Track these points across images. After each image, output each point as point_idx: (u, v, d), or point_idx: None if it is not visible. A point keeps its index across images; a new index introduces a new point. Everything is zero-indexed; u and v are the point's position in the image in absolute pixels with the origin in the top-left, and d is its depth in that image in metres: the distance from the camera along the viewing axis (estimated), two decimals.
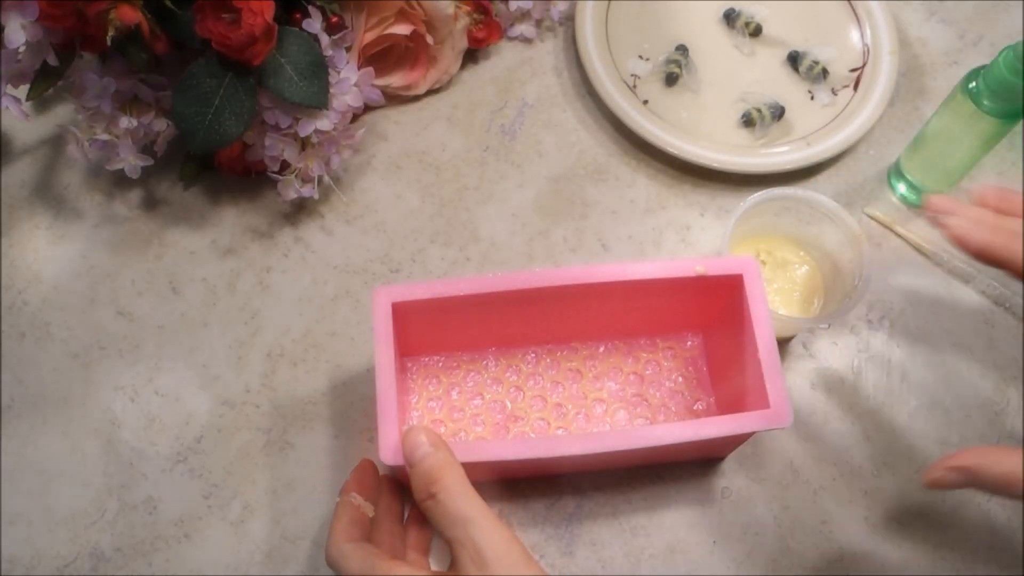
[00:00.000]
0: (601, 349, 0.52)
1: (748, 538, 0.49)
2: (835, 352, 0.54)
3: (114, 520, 0.48)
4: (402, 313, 0.45)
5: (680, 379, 0.51)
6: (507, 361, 0.51)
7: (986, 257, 0.38)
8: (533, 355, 0.51)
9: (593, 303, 0.47)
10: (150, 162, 0.52)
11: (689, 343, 0.52)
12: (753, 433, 0.45)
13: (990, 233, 0.38)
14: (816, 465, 0.51)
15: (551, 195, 0.58)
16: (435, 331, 0.48)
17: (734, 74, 0.62)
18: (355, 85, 0.52)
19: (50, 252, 0.55)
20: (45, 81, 0.48)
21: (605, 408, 0.50)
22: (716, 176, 0.59)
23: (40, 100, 0.58)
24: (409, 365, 0.51)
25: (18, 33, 0.43)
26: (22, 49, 0.45)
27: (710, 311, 0.49)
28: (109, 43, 0.44)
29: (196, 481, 0.49)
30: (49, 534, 0.48)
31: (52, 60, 0.46)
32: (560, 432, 0.50)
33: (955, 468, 0.37)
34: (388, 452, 0.41)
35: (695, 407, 0.50)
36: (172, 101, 0.49)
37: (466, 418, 0.50)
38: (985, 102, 0.49)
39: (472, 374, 0.51)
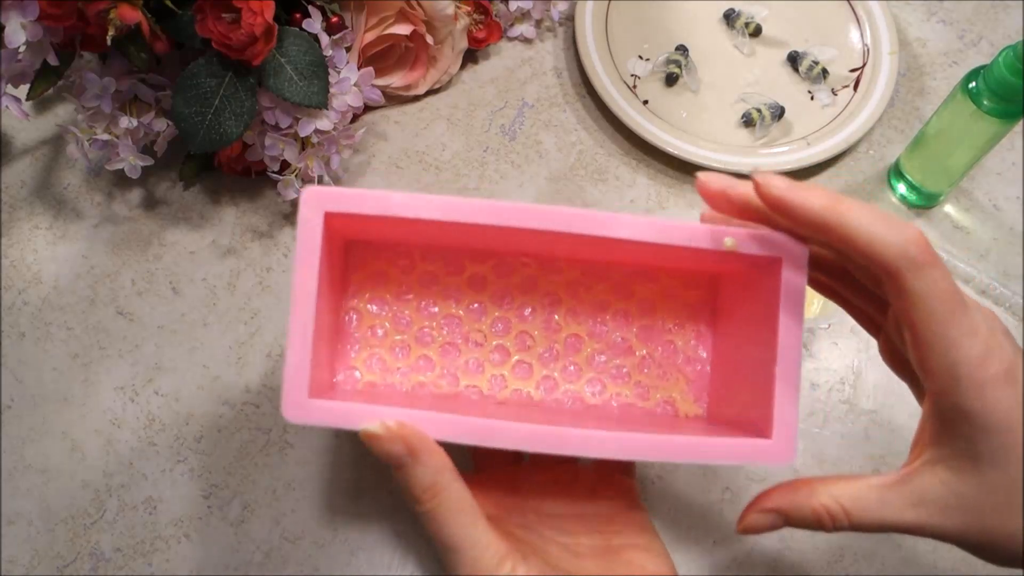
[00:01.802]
0: (590, 274, 0.42)
1: (748, 538, 0.49)
2: (835, 352, 0.54)
3: (114, 520, 0.48)
4: (345, 222, 0.36)
5: (678, 328, 0.42)
6: (473, 268, 0.42)
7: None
8: (506, 266, 0.42)
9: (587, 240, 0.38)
10: (150, 162, 0.52)
11: (696, 288, 0.42)
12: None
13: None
14: (816, 465, 0.51)
15: (551, 195, 0.58)
16: (389, 224, 0.38)
17: (734, 74, 0.62)
18: (355, 85, 0.52)
19: (50, 252, 0.55)
20: (45, 81, 0.48)
21: (580, 347, 0.42)
22: None
23: (40, 100, 0.58)
24: (354, 253, 0.42)
25: (18, 32, 0.43)
26: (22, 49, 0.45)
27: (733, 265, 0.40)
28: (109, 43, 0.44)
29: (196, 481, 0.49)
30: (49, 534, 0.48)
31: (52, 60, 0.46)
32: (524, 367, 0.42)
33: (767, 511, 0.36)
34: (292, 407, 0.34)
35: (686, 368, 0.42)
36: (172, 101, 0.49)
37: (413, 330, 0.41)
38: (985, 102, 0.49)
39: (428, 277, 0.42)
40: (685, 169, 0.59)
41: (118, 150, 0.51)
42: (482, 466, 0.43)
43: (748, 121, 0.59)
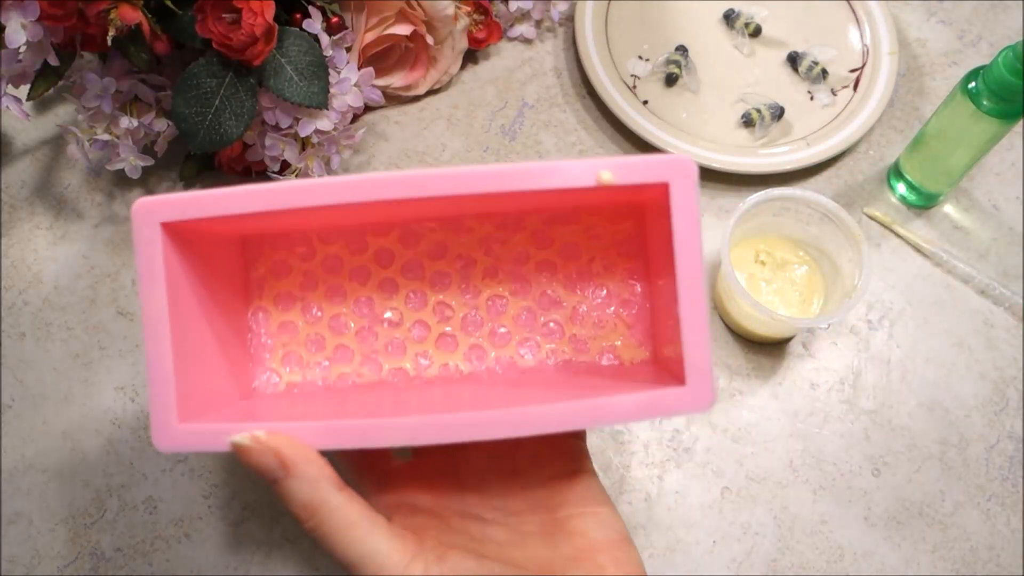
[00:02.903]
0: (504, 228, 0.39)
1: (748, 538, 0.49)
2: (835, 352, 0.54)
3: (114, 520, 0.48)
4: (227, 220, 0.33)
5: (609, 271, 0.39)
6: (377, 243, 0.39)
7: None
8: (412, 235, 0.39)
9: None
10: (150, 162, 0.52)
11: (623, 222, 0.39)
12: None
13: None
14: (816, 465, 0.51)
15: None
16: (272, 217, 0.36)
17: (734, 74, 0.62)
18: (355, 85, 0.52)
19: (51, 252, 0.55)
20: (46, 81, 0.48)
21: (504, 307, 0.39)
22: (716, 176, 0.59)
23: (40, 100, 0.58)
24: (251, 248, 0.39)
25: (19, 33, 0.43)
26: (23, 49, 0.45)
27: (653, 207, 0.36)
28: (110, 43, 0.45)
29: (196, 481, 0.49)
30: (49, 534, 0.48)
31: (53, 60, 0.46)
32: (448, 339, 0.39)
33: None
34: (162, 436, 0.31)
35: (623, 312, 0.39)
36: (172, 101, 0.49)
37: (325, 320, 0.39)
38: (984, 102, 0.49)
39: (331, 261, 0.39)
40: None
41: (118, 150, 0.51)
42: (421, 451, 0.39)
43: (748, 121, 0.60)
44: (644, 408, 0.32)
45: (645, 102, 0.60)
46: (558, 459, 0.37)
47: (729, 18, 0.64)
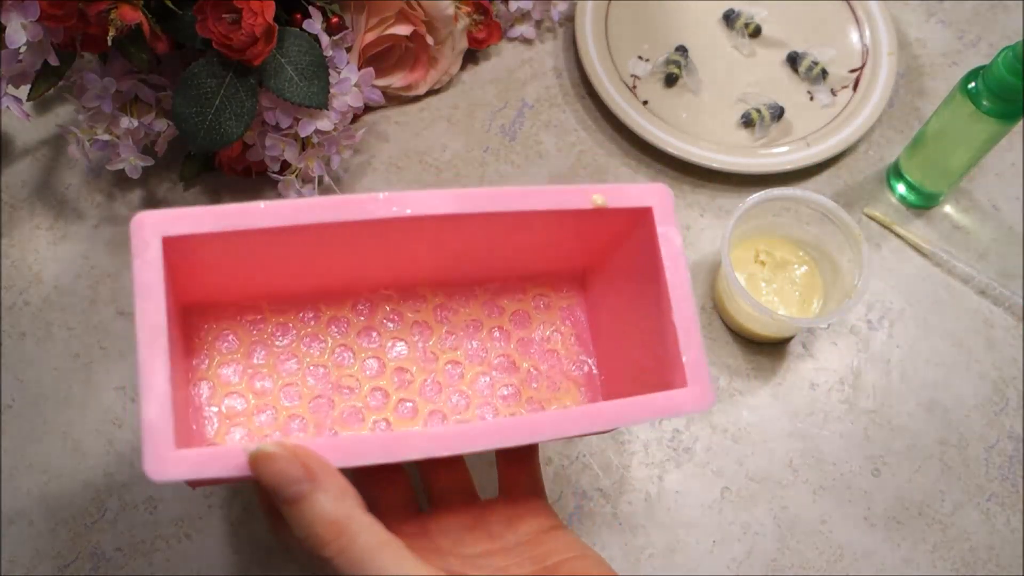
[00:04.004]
0: (456, 296, 0.41)
1: (748, 538, 0.49)
2: (835, 352, 0.54)
3: (114, 520, 0.49)
4: (182, 252, 0.32)
5: (557, 336, 0.42)
6: (331, 311, 0.39)
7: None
8: (367, 303, 0.39)
9: (449, 235, 0.36)
10: (151, 162, 0.52)
11: (566, 290, 0.42)
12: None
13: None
14: (816, 465, 0.51)
15: None
16: (229, 273, 0.36)
17: (734, 75, 0.62)
18: (355, 85, 0.52)
19: (51, 252, 0.55)
20: (46, 81, 0.48)
21: (462, 373, 0.40)
22: (716, 176, 0.59)
23: (41, 100, 0.58)
24: (193, 318, 0.38)
25: (19, 33, 0.43)
26: (23, 49, 0.45)
27: (601, 250, 0.40)
28: (110, 43, 0.44)
29: None
30: (50, 534, 0.48)
31: (53, 60, 0.46)
32: (407, 405, 0.39)
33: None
34: (155, 463, 0.28)
35: (573, 372, 0.41)
36: (173, 101, 0.49)
37: (275, 390, 0.38)
38: (984, 102, 0.49)
39: (282, 329, 0.38)
40: (685, 169, 0.59)
41: (119, 150, 0.51)
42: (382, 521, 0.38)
43: (748, 121, 0.60)
44: (651, 409, 0.34)
45: (645, 102, 0.60)
46: (531, 519, 0.38)
47: (729, 18, 0.64)
